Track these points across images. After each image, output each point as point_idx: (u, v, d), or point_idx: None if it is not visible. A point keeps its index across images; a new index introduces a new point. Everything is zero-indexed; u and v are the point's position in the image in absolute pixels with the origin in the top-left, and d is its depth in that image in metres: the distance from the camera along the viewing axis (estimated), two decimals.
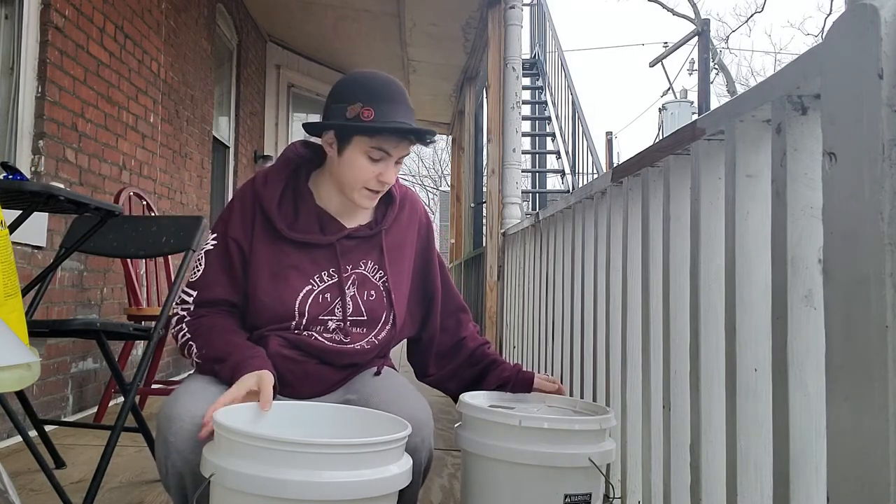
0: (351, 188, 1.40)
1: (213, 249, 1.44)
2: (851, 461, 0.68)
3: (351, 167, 1.38)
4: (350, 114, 1.35)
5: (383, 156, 1.38)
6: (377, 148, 1.37)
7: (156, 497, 2.01)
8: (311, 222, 1.44)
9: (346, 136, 1.37)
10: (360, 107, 1.34)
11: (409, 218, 1.55)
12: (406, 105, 1.40)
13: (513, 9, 4.16)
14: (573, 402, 1.53)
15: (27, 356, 0.80)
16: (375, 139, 1.36)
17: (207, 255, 1.44)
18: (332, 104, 1.39)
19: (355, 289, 1.45)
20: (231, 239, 1.43)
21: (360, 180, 1.39)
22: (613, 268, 1.73)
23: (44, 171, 2.79)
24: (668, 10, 19.61)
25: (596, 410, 1.45)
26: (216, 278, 1.42)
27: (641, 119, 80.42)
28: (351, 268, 1.45)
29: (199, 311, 1.41)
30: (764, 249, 0.99)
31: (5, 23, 2.71)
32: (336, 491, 1.02)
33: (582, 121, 6.97)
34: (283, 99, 6.71)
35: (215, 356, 1.35)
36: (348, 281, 1.45)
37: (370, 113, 1.34)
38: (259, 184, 1.45)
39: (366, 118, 1.34)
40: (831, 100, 0.74)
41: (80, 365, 3.16)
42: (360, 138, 1.36)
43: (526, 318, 3.08)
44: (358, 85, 1.39)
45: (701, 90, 9.86)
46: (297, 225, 1.43)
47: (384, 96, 1.37)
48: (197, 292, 1.42)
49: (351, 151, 1.37)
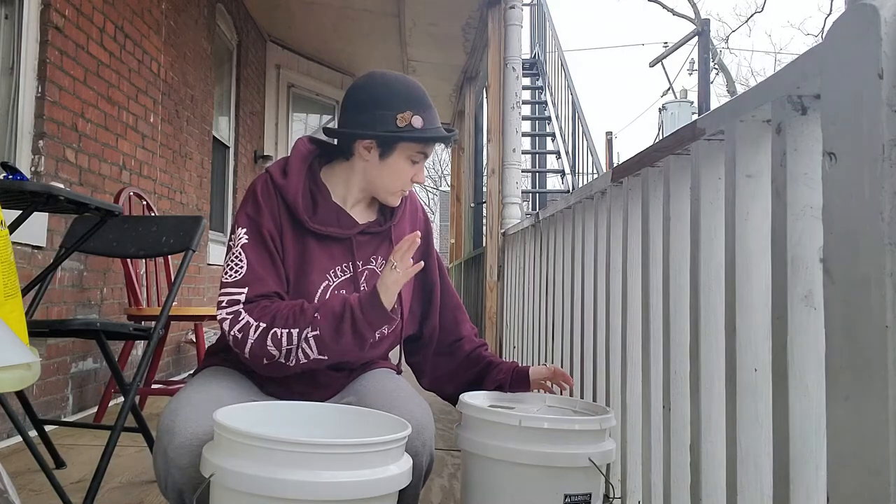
0: (389, 190, 1.45)
1: (249, 243, 1.37)
2: (851, 461, 0.68)
3: (393, 171, 1.43)
4: (401, 122, 1.39)
5: (422, 158, 1.45)
6: (421, 153, 1.43)
7: (156, 497, 2.01)
8: (331, 216, 1.45)
9: (392, 143, 1.41)
10: (410, 115, 1.39)
11: (412, 214, 1.59)
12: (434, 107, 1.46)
13: (513, 9, 4.16)
14: (573, 401, 1.53)
15: (27, 356, 0.80)
16: (422, 145, 1.42)
17: (247, 250, 1.37)
18: (373, 110, 1.40)
19: (366, 284, 1.46)
20: (266, 230, 1.39)
21: (400, 183, 1.45)
22: (613, 268, 1.73)
23: (44, 171, 2.79)
24: (668, 10, 19.63)
25: (596, 410, 1.46)
26: (265, 271, 1.36)
27: (641, 119, 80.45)
28: (362, 263, 1.47)
29: (257, 304, 1.33)
30: (764, 249, 0.99)
31: (5, 23, 2.71)
32: (336, 491, 1.02)
33: (582, 121, 6.97)
34: (283, 99, 6.70)
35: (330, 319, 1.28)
36: (362, 277, 1.46)
37: (420, 121, 1.40)
38: (278, 176, 1.43)
39: (416, 126, 1.39)
40: (831, 100, 0.74)
41: (80, 365, 3.16)
42: (408, 145, 1.41)
43: (526, 318, 3.08)
44: (402, 93, 1.42)
45: (701, 90, 9.86)
46: (318, 217, 1.43)
47: (425, 103, 1.43)
48: (248, 288, 1.33)
49: (396, 157, 1.42)
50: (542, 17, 9.02)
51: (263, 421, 1.22)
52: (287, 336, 1.29)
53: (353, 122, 1.42)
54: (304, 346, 1.29)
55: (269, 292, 1.35)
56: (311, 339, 1.28)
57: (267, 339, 1.29)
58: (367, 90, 1.43)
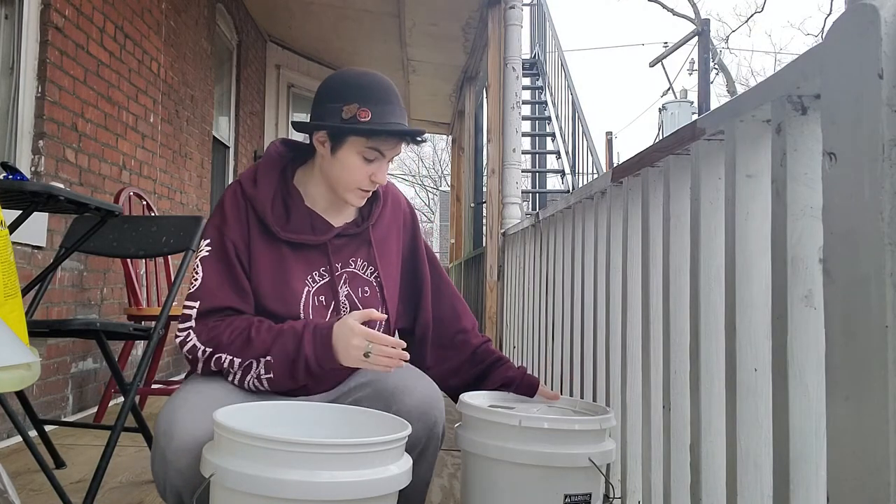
0: (344, 188, 1.40)
1: (209, 255, 1.38)
2: (851, 461, 0.68)
3: (344, 167, 1.38)
4: (346, 114, 1.34)
5: (377, 156, 1.38)
6: (373, 148, 1.36)
7: (156, 497, 2.01)
8: (304, 222, 1.42)
9: (340, 136, 1.37)
10: (356, 107, 1.34)
11: (392, 212, 1.56)
12: (399, 105, 1.40)
13: (513, 9, 4.16)
14: (573, 402, 1.54)
15: (27, 356, 0.80)
16: (372, 140, 1.36)
17: (204, 263, 1.37)
18: (326, 103, 1.38)
19: (348, 287, 1.45)
20: (230, 241, 1.38)
21: (354, 180, 1.39)
22: (613, 268, 1.73)
23: (44, 171, 2.79)
24: (668, 10, 19.62)
25: (596, 410, 1.45)
26: (219, 284, 1.36)
27: (641, 119, 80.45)
28: (341, 266, 1.45)
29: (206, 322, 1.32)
30: (764, 249, 0.99)
31: (5, 23, 2.71)
32: (336, 491, 1.02)
33: (582, 121, 6.97)
34: (283, 99, 6.71)
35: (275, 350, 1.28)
36: (340, 280, 1.44)
37: (367, 114, 1.33)
38: (248, 186, 1.42)
39: (362, 119, 1.34)
40: (831, 100, 0.74)
41: (80, 365, 3.16)
42: (356, 139, 1.36)
43: (526, 318, 3.08)
44: (353, 85, 1.38)
45: (701, 90, 9.86)
46: (290, 225, 1.41)
47: (379, 97, 1.36)
48: (199, 302, 1.34)
49: (345, 151, 1.37)
50: (542, 17, 9.02)
51: (263, 421, 1.22)
52: (230, 363, 1.31)
53: (311, 116, 1.41)
54: (255, 381, 1.31)
55: (221, 307, 1.35)
56: (265, 380, 1.31)
57: (211, 363, 1.31)
58: (326, 84, 1.41)
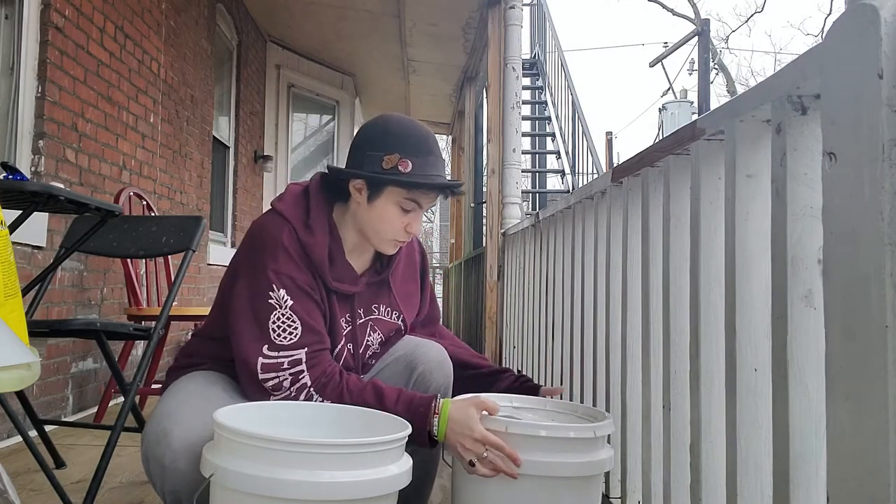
0: (380, 238, 1.40)
1: (295, 304, 1.32)
2: (851, 461, 0.68)
3: (381, 217, 1.37)
4: (387, 164, 1.33)
5: (415, 207, 1.37)
6: (411, 199, 1.36)
7: (156, 497, 2.01)
8: (344, 271, 1.42)
9: (379, 186, 1.35)
10: (397, 157, 1.33)
11: (407, 257, 1.59)
12: (439, 156, 1.39)
13: (513, 9, 4.16)
14: (575, 406, 1.50)
15: (27, 356, 0.80)
16: (412, 192, 1.35)
17: (296, 312, 1.31)
18: (366, 150, 1.36)
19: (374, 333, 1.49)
20: (307, 285, 1.35)
21: (391, 231, 1.38)
22: (613, 268, 1.73)
23: (44, 171, 2.79)
24: (668, 10, 19.62)
25: (595, 416, 1.41)
26: (315, 329, 1.34)
27: (641, 119, 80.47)
28: (364, 313, 1.47)
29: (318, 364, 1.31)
30: (764, 249, 0.99)
31: (5, 23, 2.71)
32: (336, 491, 1.02)
33: (582, 121, 6.97)
34: (283, 99, 6.70)
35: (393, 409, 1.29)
36: (365, 328, 1.48)
37: (407, 165, 1.33)
38: (302, 231, 1.36)
39: (403, 170, 1.33)
40: (831, 100, 0.74)
41: (80, 365, 3.16)
42: (395, 189, 1.35)
43: (526, 318, 3.08)
44: (395, 134, 1.36)
45: (701, 90, 9.86)
46: (334, 273, 1.40)
47: (421, 148, 1.35)
48: (307, 348, 1.31)
49: (383, 201, 1.36)
50: (542, 17, 9.02)
51: (263, 421, 1.22)
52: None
53: (349, 162, 1.40)
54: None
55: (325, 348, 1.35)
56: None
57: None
58: (366, 130, 1.40)
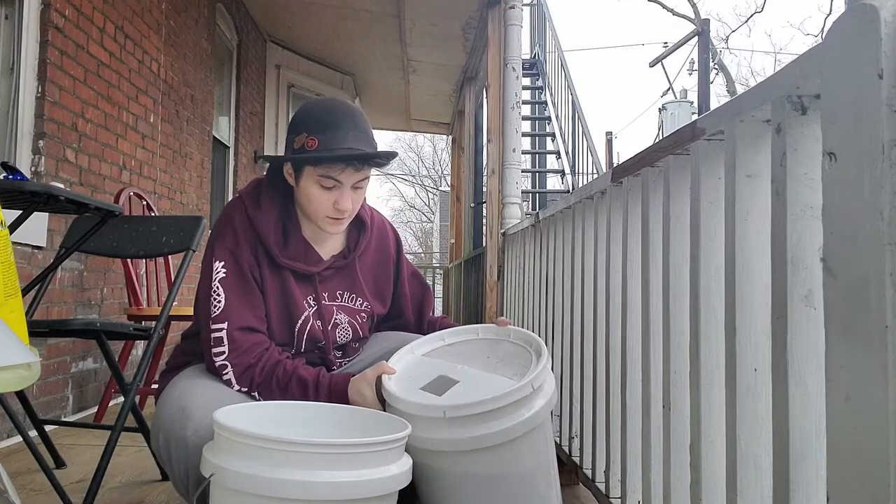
0: (314, 217, 1.43)
1: (227, 277, 1.38)
2: (851, 461, 0.68)
3: (307, 197, 1.40)
4: (297, 145, 1.37)
5: (335, 184, 1.38)
6: (325, 176, 1.38)
7: (156, 497, 2.01)
8: (299, 250, 1.46)
9: (298, 168, 1.40)
10: (305, 137, 1.36)
11: (379, 242, 1.60)
12: (355, 129, 1.39)
13: (513, 9, 4.16)
14: (507, 331, 1.50)
15: (27, 356, 0.80)
16: (321, 168, 1.37)
17: (224, 284, 1.38)
18: (288, 136, 1.42)
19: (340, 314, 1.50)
20: (246, 263, 1.40)
21: (320, 209, 1.41)
22: (613, 268, 1.73)
23: (44, 171, 2.79)
24: (668, 10, 19.62)
25: (529, 341, 1.40)
26: (242, 306, 1.38)
27: (641, 119, 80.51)
28: (328, 297, 1.49)
29: (240, 354, 1.36)
30: (764, 249, 0.99)
31: (5, 23, 2.71)
32: (336, 491, 1.02)
33: (582, 121, 6.97)
34: (283, 99, 6.70)
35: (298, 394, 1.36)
36: (330, 310, 1.49)
37: (314, 142, 1.36)
38: (251, 208, 1.43)
39: (309, 148, 1.36)
40: (831, 100, 0.74)
41: (80, 365, 3.16)
42: (309, 168, 1.38)
43: (526, 318, 3.07)
44: (305, 115, 1.41)
45: (701, 90, 9.86)
46: (287, 252, 1.44)
47: (329, 124, 1.37)
48: (227, 323, 1.36)
49: (304, 182, 1.40)
50: (542, 17, 9.02)
51: (263, 421, 1.22)
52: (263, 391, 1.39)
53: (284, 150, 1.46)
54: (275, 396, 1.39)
55: (248, 326, 1.39)
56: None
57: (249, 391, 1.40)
58: (292, 117, 1.45)
